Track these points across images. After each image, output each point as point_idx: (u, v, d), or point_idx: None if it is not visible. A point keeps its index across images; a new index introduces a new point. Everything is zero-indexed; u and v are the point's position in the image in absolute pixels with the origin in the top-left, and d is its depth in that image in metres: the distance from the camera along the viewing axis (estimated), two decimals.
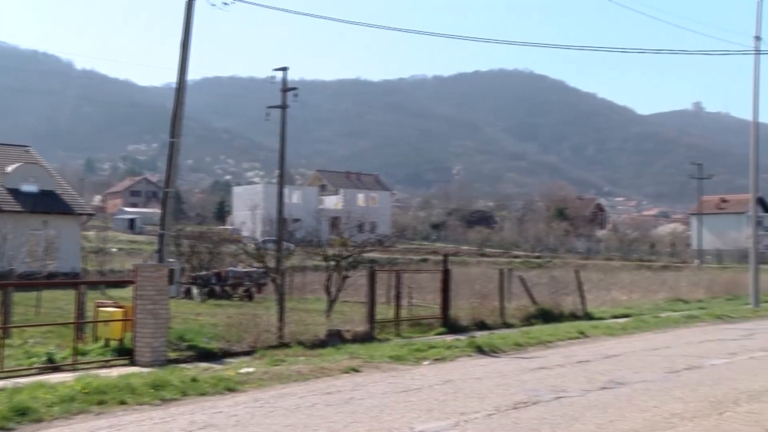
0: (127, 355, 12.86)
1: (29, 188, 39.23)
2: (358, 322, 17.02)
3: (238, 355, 13.83)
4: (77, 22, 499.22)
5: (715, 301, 31.48)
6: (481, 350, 15.13)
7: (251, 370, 11.95)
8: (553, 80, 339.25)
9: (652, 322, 22.00)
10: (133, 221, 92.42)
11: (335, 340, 15.48)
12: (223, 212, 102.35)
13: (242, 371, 11.76)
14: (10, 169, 39.82)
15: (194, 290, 29.82)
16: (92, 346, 13.39)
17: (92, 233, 51.08)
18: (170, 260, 20.17)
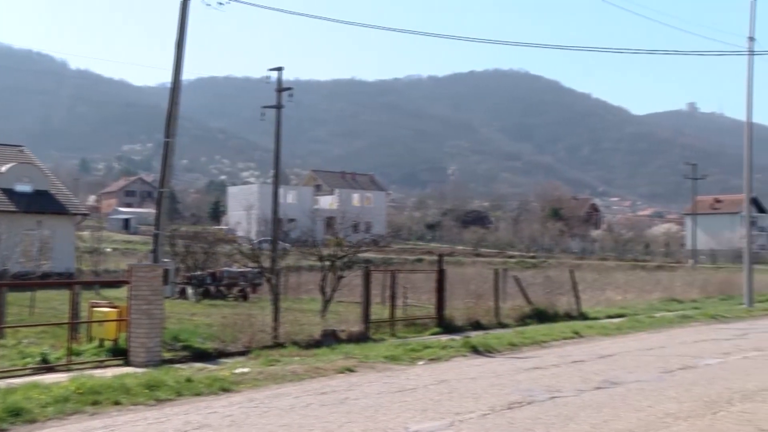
0: (121, 355, 12.84)
1: (23, 188, 39.12)
2: (353, 322, 17.03)
3: (233, 355, 13.83)
4: (72, 21, 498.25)
5: (709, 301, 31.58)
6: (476, 350, 15.16)
7: (246, 370, 11.94)
8: (548, 80, 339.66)
9: (646, 322, 22.06)
10: (127, 221, 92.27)
11: (330, 340, 15.48)
12: (218, 212, 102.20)
13: (237, 371, 11.75)
14: (4, 168, 39.73)
15: (189, 290, 29.78)
16: (87, 346, 13.37)
17: (87, 233, 50.85)
18: (165, 260, 20.17)
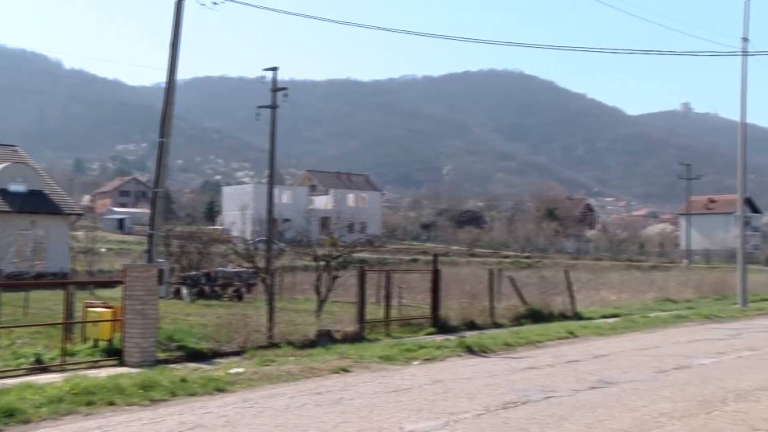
0: (116, 355, 12.81)
1: (17, 188, 39.00)
2: (348, 322, 17.02)
3: (227, 355, 13.81)
4: (66, 21, 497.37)
5: (703, 301, 31.66)
6: (471, 350, 15.16)
7: (241, 370, 11.93)
8: (543, 81, 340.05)
9: (641, 321, 22.10)
10: (122, 221, 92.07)
11: (325, 340, 15.47)
12: (212, 212, 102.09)
13: (232, 371, 11.73)
14: None
15: (184, 290, 29.71)
16: (81, 346, 13.34)
17: (81, 233, 50.73)
18: (160, 260, 20.10)
